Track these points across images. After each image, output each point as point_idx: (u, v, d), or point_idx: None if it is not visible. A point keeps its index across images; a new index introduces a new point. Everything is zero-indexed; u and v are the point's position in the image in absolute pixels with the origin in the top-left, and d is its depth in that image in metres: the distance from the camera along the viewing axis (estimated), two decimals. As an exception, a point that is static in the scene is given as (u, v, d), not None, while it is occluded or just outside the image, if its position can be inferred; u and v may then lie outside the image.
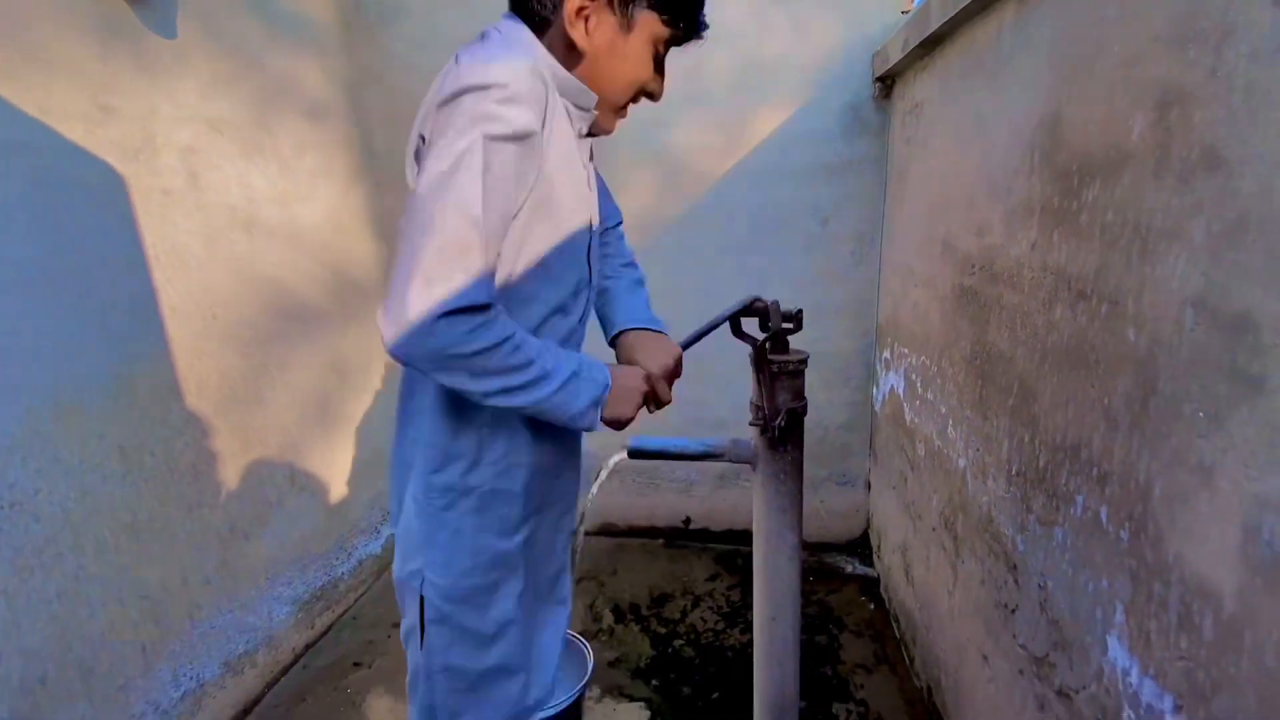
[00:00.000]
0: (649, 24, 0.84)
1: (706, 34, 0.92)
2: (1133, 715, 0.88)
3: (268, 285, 2.03)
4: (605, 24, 0.82)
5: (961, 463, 1.52)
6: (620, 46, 0.84)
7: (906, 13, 2.10)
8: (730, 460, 1.24)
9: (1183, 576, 0.78)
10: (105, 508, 1.53)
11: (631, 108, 1.01)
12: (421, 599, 0.93)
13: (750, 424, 1.17)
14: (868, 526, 2.67)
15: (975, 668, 1.46)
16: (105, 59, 1.54)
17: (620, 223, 1.23)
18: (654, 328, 1.11)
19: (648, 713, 1.90)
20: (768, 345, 1.12)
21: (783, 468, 1.18)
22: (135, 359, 1.61)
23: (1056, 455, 1.07)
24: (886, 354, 2.25)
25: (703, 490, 2.76)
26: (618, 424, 0.93)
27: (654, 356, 1.02)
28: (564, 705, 1.54)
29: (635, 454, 1.40)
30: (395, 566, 0.98)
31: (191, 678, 1.74)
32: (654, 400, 1.00)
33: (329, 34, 2.37)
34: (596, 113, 0.91)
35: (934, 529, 1.75)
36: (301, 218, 2.19)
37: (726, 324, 1.13)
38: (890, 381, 2.20)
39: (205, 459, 1.80)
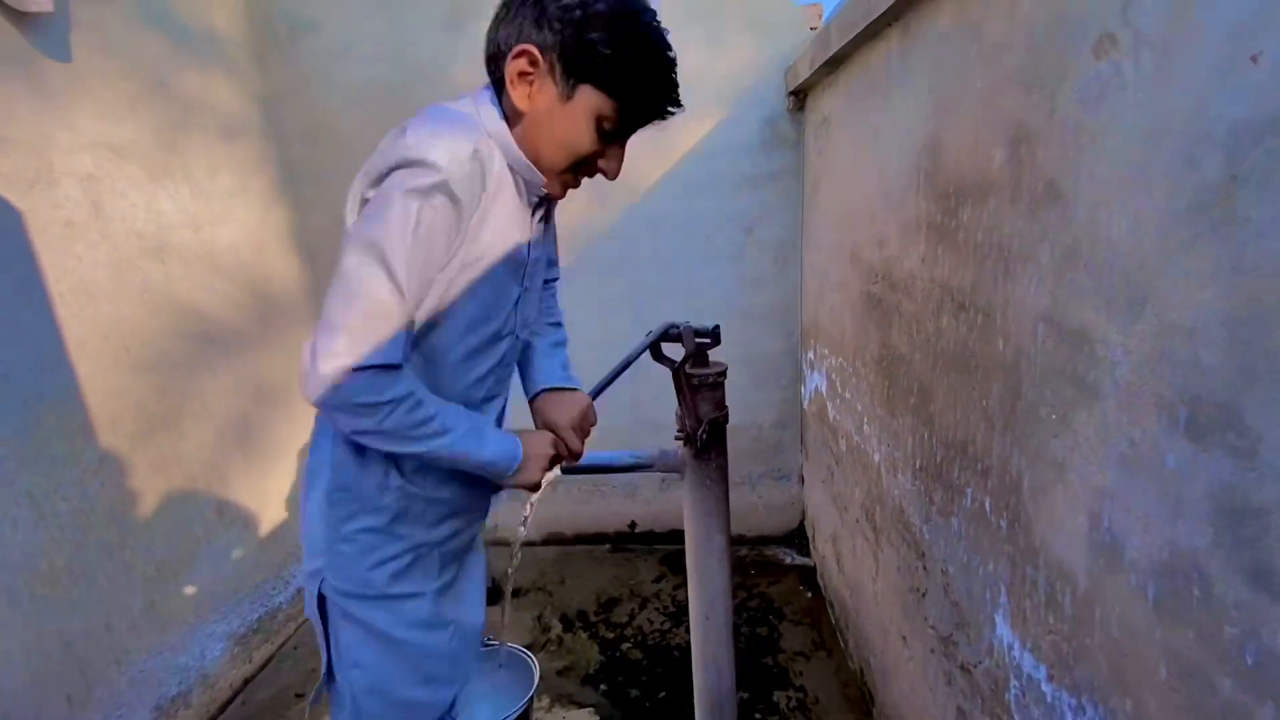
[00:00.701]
0: (589, 97, 0.82)
1: (676, 113, 0.90)
2: (1017, 685, 0.98)
3: (183, 312, 1.96)
4: (546, 91, 0.83)
5: (876, 457, 1.63)
6: (558, 114, 0.83)
7: (815, 29, 2.21)
8: (659, 470, 1.30)
9: (1048, 560, 0.88)
10: (17, 557, 1.46)
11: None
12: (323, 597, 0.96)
13: (675, 437, 1.23)
14: (803, 518, 2.79)
15: (897, 648, 1.57)
16: (-10, 86, 1.47)
17: (556, 279, 1.26)
18: (566, 386, 1.14)
19: (597, 718, 1.95)
20: (686, 365, 1.18)
21: (708, 474, 1.25)
22: (40, 399, 1.53)
23: (950, 451, 1.18)
24: (810, 355, 2.36)
25: (647, 494, 2.82)
26: (528, 487, 0.98)
27: (563, 411, 1.05)
28: (511, 718, 1.57)
29: (569, 470, 1.44)
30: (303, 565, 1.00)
31: (120, 726, 1.68)
32: (565, 454, 1.03)
33: (238, 50, 2.30)
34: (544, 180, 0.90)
35: (857, 520, 1.86)
36: (218, 240, 2.12)
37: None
38: (815, 381, 2.31)
39: (124, 498, 1.73)
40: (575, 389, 1.14)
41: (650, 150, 2.40)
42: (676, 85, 0.88)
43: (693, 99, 2.30)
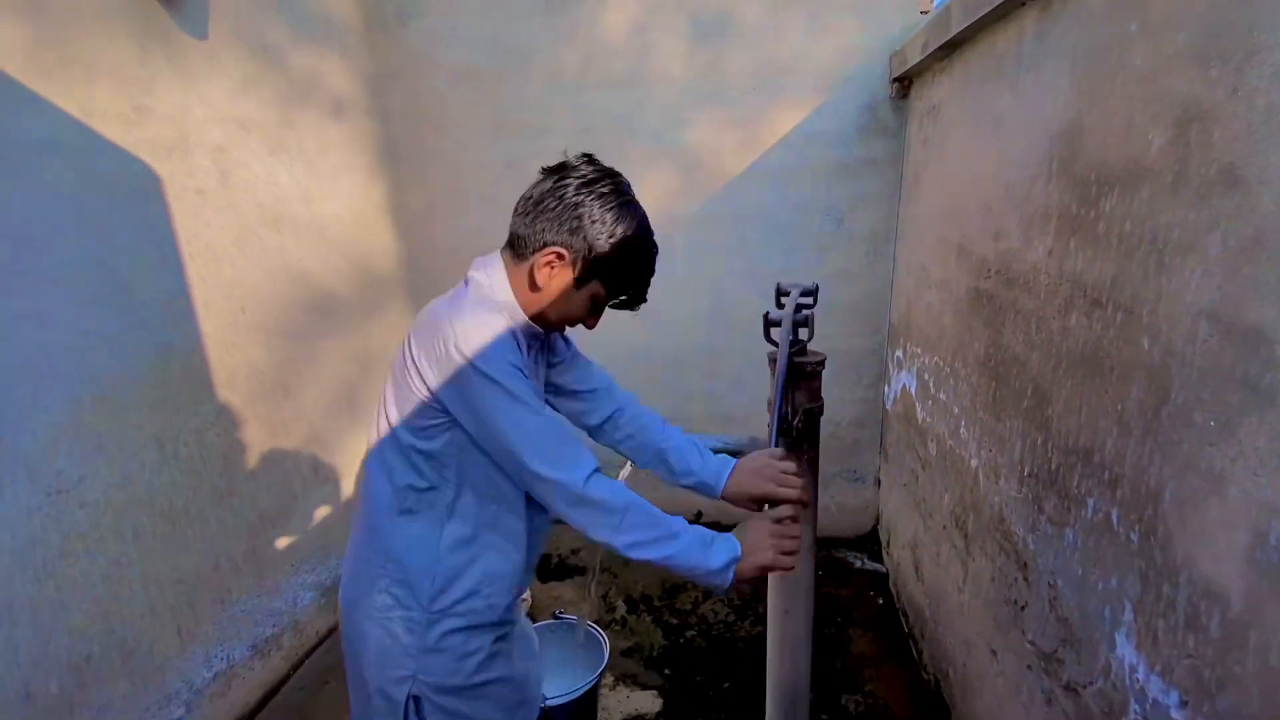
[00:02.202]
0: (594, 287, 1.03)
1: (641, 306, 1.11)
2: (1139, 710, 0.92)
3: (294, 280, 2.08)
4: (562, 276, 1.01)
5: (974, 463, 1.55)
6: (569, 295, 1.03)
7: (926, 13, 2.11)
8: (749, 458, 1.28)
9: (1191, 578, 0.81)
10: (144, 496, 1.59)
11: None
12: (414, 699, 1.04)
13: (768, 425, 1.20)
14: (877, 522, 2.70)
15: (984, 662, 1.49)
16: (142, 60, 1.59)
17: (609, 384, 1.32)
18: (725, 460, 1.19)
19: (660, 700, 1.96)
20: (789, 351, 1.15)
21: (800, 466, 1.22)
22: (170, 352, 1.66)
23: (1069, 458, 1.10)
24: (899, 353, 2.28)
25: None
26: (761, 569, 0.99)
27: (758, 479, 1.14)
28: (581, 691, 1.60)
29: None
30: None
31: (222, 659, 1.81)
32: (791, 535, 1.02)
33: (351, 32, 2.40)
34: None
35: (944, 527, 1.78)
36: (326, 214, 2.24)
37: (762, 321, 1.17)
38: (902, 380, 2.22)
39: (235, 449, 1.86)
40: (740, 455, 1.17)
41: (738, 139, 2.37)
42: (647, 288, 1.10)
43: (789, 85, 2.27)
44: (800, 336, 1.16)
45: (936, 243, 1.86)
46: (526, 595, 2.31)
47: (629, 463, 1.23)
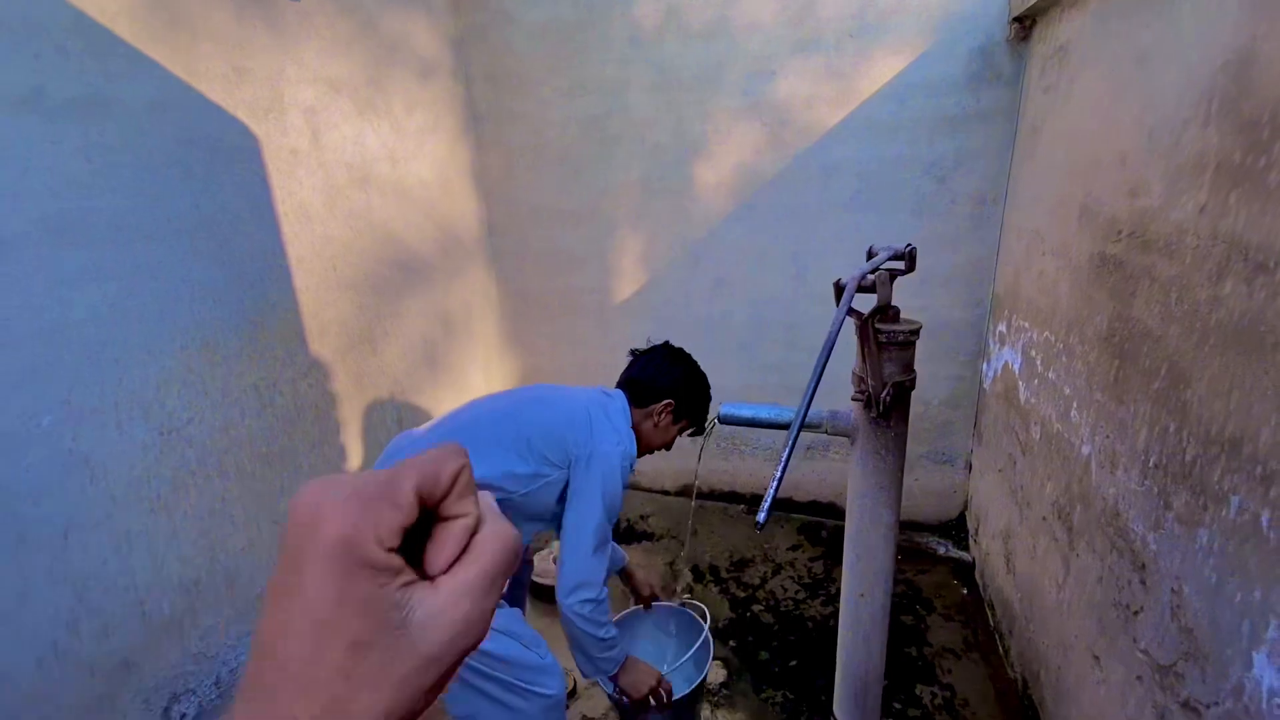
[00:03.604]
0: (684, 423, 1.59)
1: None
2: (1281, 742, 0.79)
3: (381, 239, 2.15)
4: (668, 418, 1.55)
5: (1085, 450, 1.39)
6: (668, 430, 1.58)
7: (1057, -60, 1.85)
8: (828, 433, 1.20)
9: (1368, 599, 0.68)
10: (244, 439, 1.70)
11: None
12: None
13: (853, 398, 1.12)
14: (965, 508, 2.53)
15: (1083, 667, 1.36)
16: (239, 21, 1.64)
17: None
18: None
19: (725, 671, 1.93)
20: (875, 318, 1.05)
21: (885, 444, 1.13)
22: (267, 305, 1.75)
23: (1210, 449, 0.95)
24: (1002, 327, 2.08)
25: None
26: (631, 688, 1.48)
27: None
28: (693, 688, 1.57)
29: (726, 420, 1.38)
30: None
31: (314, 594, 1.94)
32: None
33: (437, -10, 2.40)
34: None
35: (1044, 518, 1.63)
36: (410, 174, 2.28)
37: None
38: (1005, 357, 2.03)
39: (326, 400, 1.96)
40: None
41: (830, 90, 2.20)
42: None
43: (891, 29, 2.08)
44: (881, 302, 1.05)
45: (1055, 203, 1.65)
46: None
47: (713, 423, 1.39)
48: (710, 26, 2.25)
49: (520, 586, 1.74)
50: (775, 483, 0.84)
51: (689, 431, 1.62)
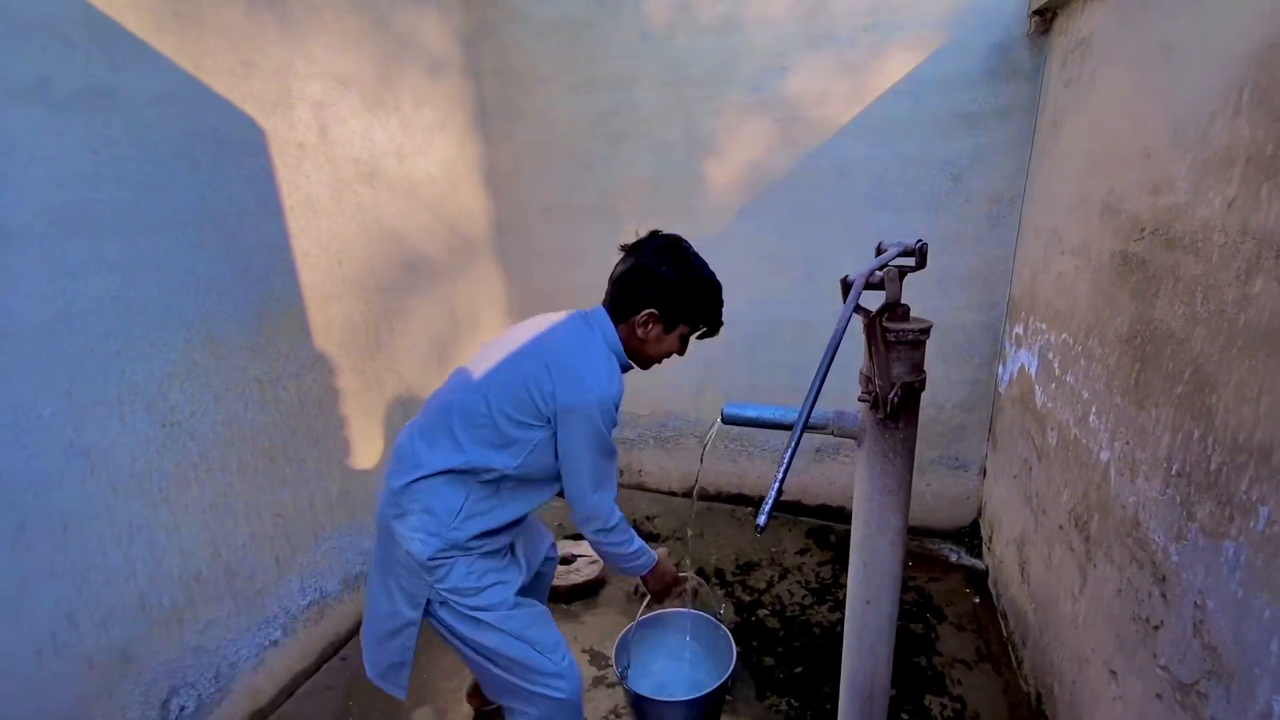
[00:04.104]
0: (681, 328, 1.38)
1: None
2: (1311, 770, 0.74)
3: (387, 236, 2.14)
4: (656, 328, 1.36)
5: (1104, 456, 1.34)
6: (662, 339, 1.39)
7: (1079, -69, 1.80)
8: (834, 434, 1.16)
9: None
10: (247, 433, 1.70)
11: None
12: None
13: (859, 398, 1.08)
14: (979, 515, 2.47)
15: (1099, 682, 1.31)
16: (247, 15, 1.64)
17: None
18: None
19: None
20: (883, 316, 1.01)
21: (893, 446, 1.09)
22: (272, 300, 1.75)
23: (1237, 456, 0.90)
24: (1019, 329, 2.02)
25: (798, 462, 2.66)
26: (655, 580, 1.52)
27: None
28: (712, 689, 1.55)
29: (730, 420, 1.35)
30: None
31: (315, 590, 1.94)
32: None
33: (448, -14, 2.40)
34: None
35: (1060, 526, 1.57)
36: (418, 170, 2.27)
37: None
38: (1021, 359, 1.98)
39: (329, 395, 1.95)
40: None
41: (843, 87, 2.16)
42: (722, 312, 1.43)
43: (906, 24, 2.03)
44: (890, 300, 1.02)
45: (1075, 201, 1.60)
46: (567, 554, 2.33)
47: (715, 424, 1.35)
48: (721, 21, 2.22)
49: (541, 579, 1.69)
50: (776, 485, 0.80)
51: (701, 334, 1.42)
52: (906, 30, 2.03)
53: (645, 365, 1.44)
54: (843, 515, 2.63)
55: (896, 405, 1.03)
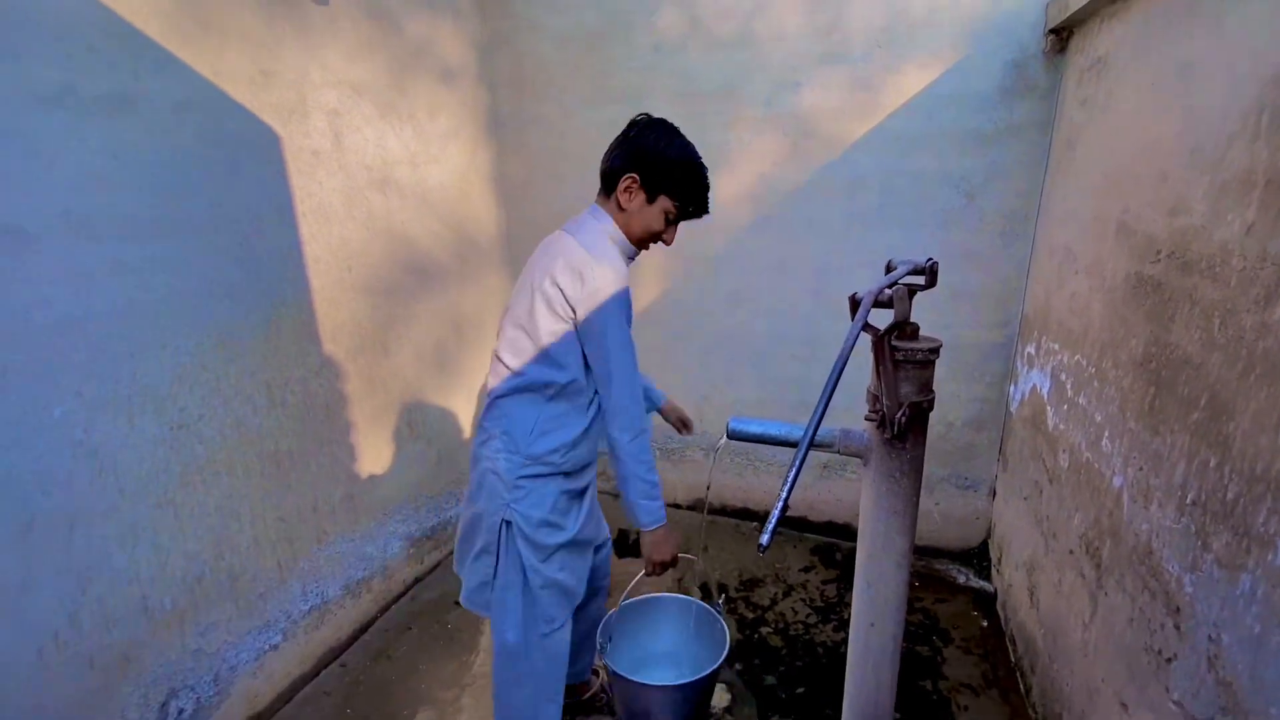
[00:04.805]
0: (663, 201, 1.37)
1: (708, 218, 1.46)
2: (1330, 816, 0.71)
3: (397, 242, 2.15)
4: (637, 197, 1.37)
5: (1117, 481, 1.32)
6: (644, 211, 1.38)
7: (1097, -50, 1.79)
8: (840, 452, 1.14)
9: None
10: (254, 437, 1.71)
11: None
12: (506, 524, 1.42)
13: (866, 417, 1.07)
14: (988, 536, 2.43)
15: (1109, 714, 1.28)
16: (268, 24, 1.66)
17: None
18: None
19: (729, 696, 1.87)
20: (892, 335, 1.00)
21: (899, 465, 1.07)
22: (281, 304, 1.76)
23: (1255, 487, 0.88)
24: (1031, 349, 2.00)
25: (805, 478, 2.64)
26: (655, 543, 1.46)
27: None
28: (705, 675, 1.54)
29: (735, 436, 1.34)
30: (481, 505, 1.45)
31: (317, 595, 1.93)
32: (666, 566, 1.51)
33: (465, -2, 2.42)
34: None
35: (1071, 551, 1.54)
36: (430, 178, 2.29)
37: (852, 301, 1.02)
38: (1033, 380, 1.95)
39: (336, 400, 1.96)
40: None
41: (856, 102, 2.16)
42: (708, 198, 1.42)
43: (921, 41, 2.02)
44: (899, 318, 1.00)
45: (1090, 220, 1.58)
46: None
47: (723, 439, 1.37)
48: (734, 37, 2.23)
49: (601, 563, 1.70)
50: (780, 504, 0.79)
51: (689, 214, 1.40)
52: (921, 47, 2.02)
53: (638, 244, 1.42)
54: (849, 532, 2.60)
55: (904, 425, 1.02)
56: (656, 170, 1.34)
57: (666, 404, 1.78)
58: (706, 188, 1.40)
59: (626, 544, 2.60)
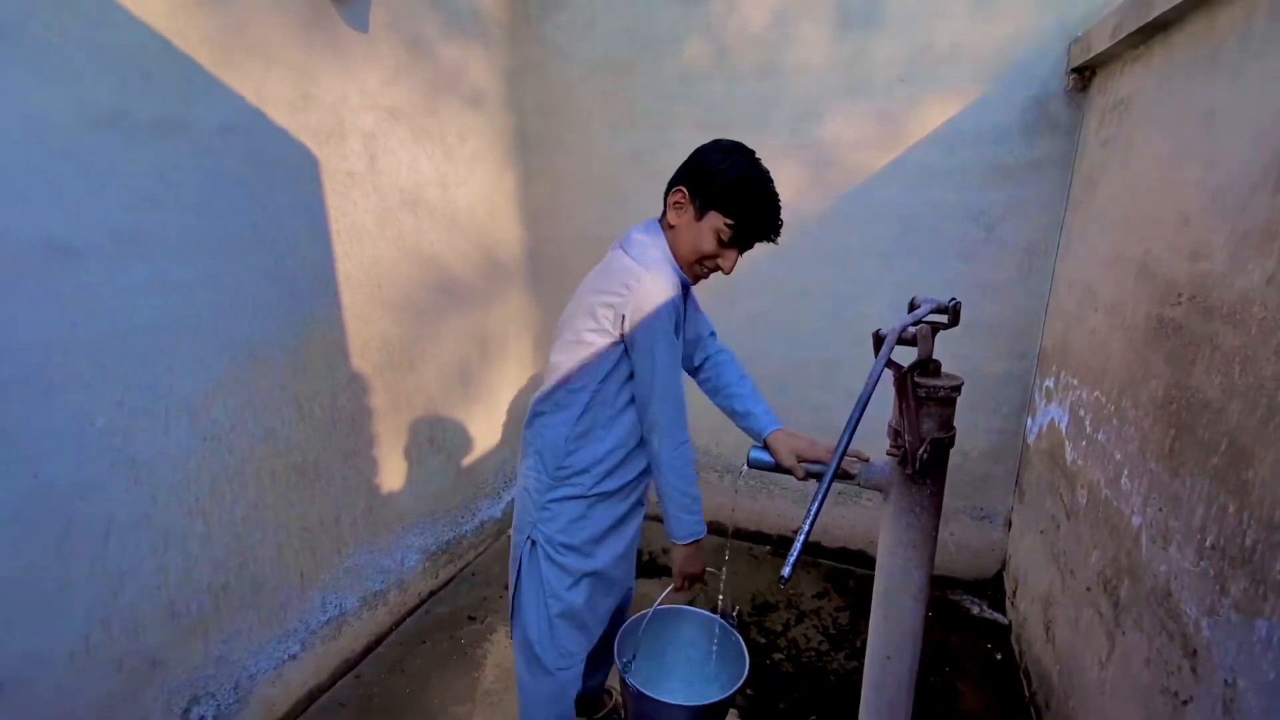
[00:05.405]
0: (714, 218, 1.27)
1: (778, 239, 1.35)
2: None
3: (426, 262, 2.20)
4: (686, 212, 1.29)
5: (1136, 521, 1.32)
6: (693, 227, 1.29)
7: (1119, -7, 1.82)
8: (860, 485, 1.16)
9: None
10: (282, 448, 1.75)
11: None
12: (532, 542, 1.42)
13: (888, 452, 1.09)
14: (1003, 568, 2.42)
15: (1127, 755, 1.27)
16: (308, 50, 1.73)
17: (713, 334, 1.61)
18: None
19: (740, 721, 1.87)
20: (915, 372, 1.02)
21: (920, 501, 1.09)
22: (313, 321, 1.81)
23: (1273, 535, 0.89)
24: (1049, 382, 2.00)
25: (819, 502, 2.64)
26: (685, 558, 1.44)
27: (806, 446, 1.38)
28: (729, 695, 1.54)
29: (755, 465, 1.36)
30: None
31: (335, 606, 1.96)
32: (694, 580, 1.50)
33: (497, 25, 2.50)
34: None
35: (1088, 588, 1.54)
36: (459, 200, 2.35)
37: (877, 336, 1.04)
38: (1050, 414, 1.95)
39: (362, 414, 2.00)
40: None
41: (878, 134, 2.19)
42: (776, 222, 1.32)
43: (944, 76, 2.06)
44: (921, 356, 1.03)
45: (1110, 259, 1.60)
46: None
47: (743, 469, 1.39)
48: (761, 67, 2.28)
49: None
50: (803, 536, 0.81)
51: (744, 235, 1.27)
52: (943, 82, 2.06)
53: (689, 271, 1.33)
54: (863, 559, 2.59)
55: (925, 462, 1.03)
56: (707, 184, 1.25)
57: (776, 439, 1.39)
58: (766, 205, 1.27)
59: (641, 563, 2.60)
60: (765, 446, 1.37)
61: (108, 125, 1.33)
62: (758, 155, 1.29)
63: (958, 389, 1.04)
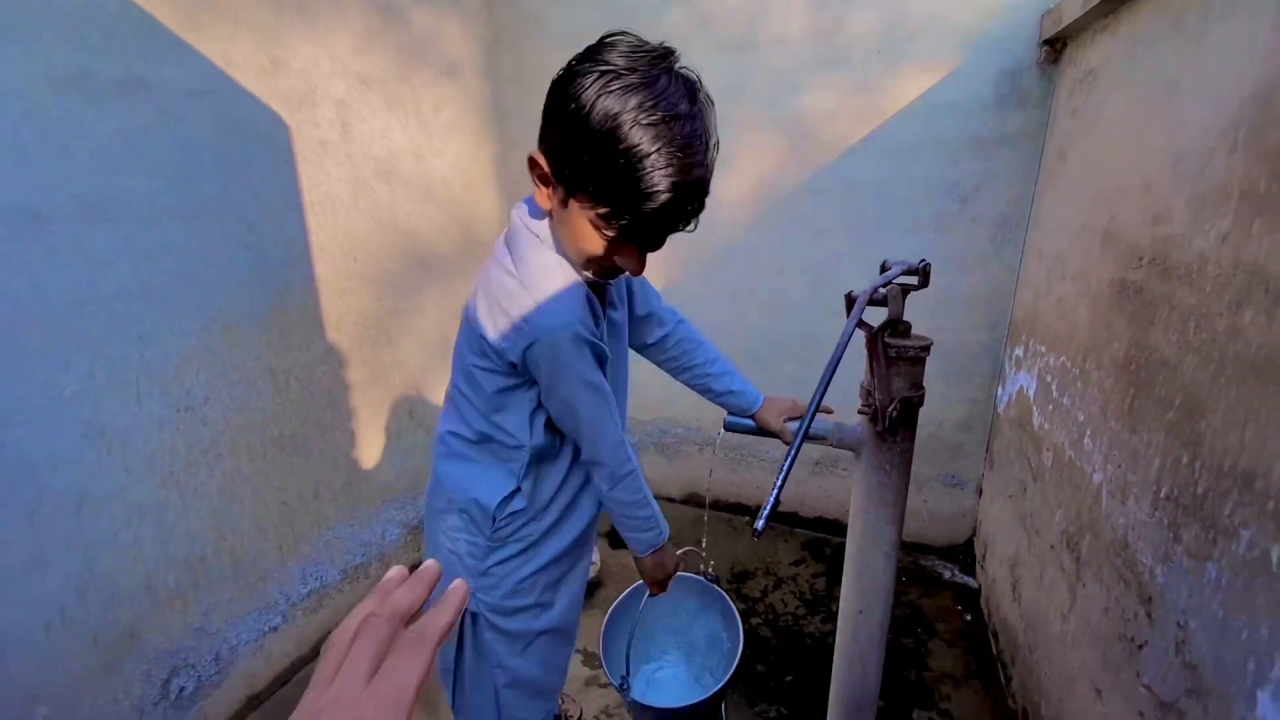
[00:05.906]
0: (582, 205, 0.85)
1: (689, 228, 0.95)
2: (1282, 786, 0.77)
3: (401, 233, 2.18)
4: (556, 195, 0.89)
5: (1097, 478, 1.37)
6: (562, 216, 0.89)
7: (1091, -35, 1.84)
8: (834, 445, 1.19)
9: (1377, 641, 0.66)
10: (257, 421, 1.73)
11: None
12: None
13: (859, 411, 1.11)
14: (973, 534, 2.49)
15: (1085, 700, 1.33)
16: (277, 13, 1.69)
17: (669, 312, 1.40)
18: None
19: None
20: (885, 332, 1.05)
21: (890, 458, 1.12)
22: (287, 291, 1.79)
23: (1221, 481, 0.93)
24: (1019, 351, 2.05)
25: (798, 473, 2.69)
26: (654, 566, 1.25)
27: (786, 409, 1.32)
28: (715, 690, 1.57)
29: (731, 428, 1.38)
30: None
31: (316, 578, 1.96)
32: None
33: (472, -7, 2.45)
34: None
35: (1053, 546, 1.60)
36: (434, 171, 2.32)
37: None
38: (1020, 381, 2.01)
39: (340, 388, 1.99)
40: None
41: (855, 107, 2.20)
42: (689, 198, 0.84)
43: (919, 48, 2.07)
44: (892, 316, 1.05)
45: (1079, 228, 1.64)
46: (596, 560, 2.34)
47: (721, 431, 1.33)
48: (738, 39, 2.27)
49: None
50: (776, 490, 0.83)
51: (635, 228, 0.84)
52: (919, 54, 2.07)
53: (591, 272, 0.95)
54: (839, 528, 2.66)
55: (895, 419, 1.06)
56: (560, 147, 0.80)
57: (765, 408, 1.32)
58: (660, 184, 0.79)
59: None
60: (754, 419, 1.33)
61: (69, 86, 1.29)
62: (683, 70, 0.81)
63: (927, 349, 1.06)
